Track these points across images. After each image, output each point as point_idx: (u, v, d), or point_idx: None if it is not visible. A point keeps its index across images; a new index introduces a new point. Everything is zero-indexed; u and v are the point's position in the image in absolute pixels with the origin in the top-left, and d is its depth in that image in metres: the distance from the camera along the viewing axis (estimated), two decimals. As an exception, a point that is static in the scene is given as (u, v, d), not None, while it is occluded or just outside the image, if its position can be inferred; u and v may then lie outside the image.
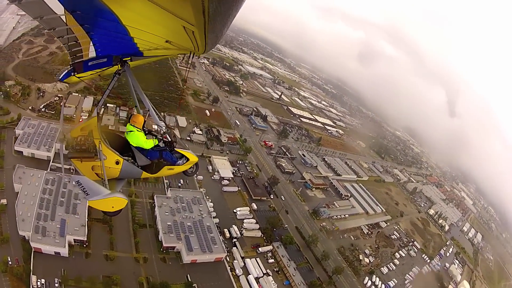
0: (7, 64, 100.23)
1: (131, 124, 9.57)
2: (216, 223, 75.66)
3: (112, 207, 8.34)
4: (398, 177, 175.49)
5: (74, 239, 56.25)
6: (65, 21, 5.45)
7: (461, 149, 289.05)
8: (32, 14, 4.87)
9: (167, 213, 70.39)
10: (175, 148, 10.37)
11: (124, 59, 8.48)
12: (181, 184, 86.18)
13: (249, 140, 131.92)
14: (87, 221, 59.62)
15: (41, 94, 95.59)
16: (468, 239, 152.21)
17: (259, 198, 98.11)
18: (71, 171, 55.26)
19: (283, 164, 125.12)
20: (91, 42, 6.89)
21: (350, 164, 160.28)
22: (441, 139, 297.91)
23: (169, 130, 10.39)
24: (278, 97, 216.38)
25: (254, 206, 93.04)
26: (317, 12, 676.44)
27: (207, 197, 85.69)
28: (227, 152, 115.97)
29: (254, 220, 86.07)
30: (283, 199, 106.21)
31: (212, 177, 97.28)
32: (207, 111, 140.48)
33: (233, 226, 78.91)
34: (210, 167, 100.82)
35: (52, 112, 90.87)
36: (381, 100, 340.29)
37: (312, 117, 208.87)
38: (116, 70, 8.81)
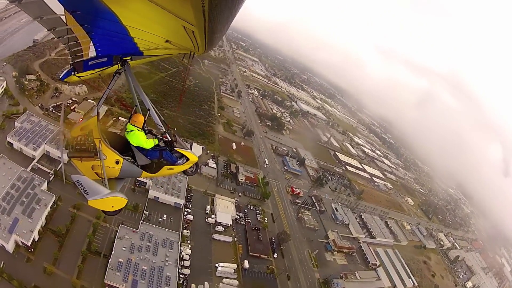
0: (36, 59, 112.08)
1: (131, 124, 10.19)
2: (183, 275, 70.27)
3: (112, 206, 8.85)
4: (442, 243, 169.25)
5: (21, 241, 60.26)
6: (65, 21, 5.94)
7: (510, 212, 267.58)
8: (32, 14, 5.31)
9: (125, 248, 67.14)
10: (175, 148, 11.10)
11: (124, 59, 9.19)
12: (163, 220, 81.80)
13: (273, 184, 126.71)
14: (41, 228, 63.95)
15: (56, 94, 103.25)
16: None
17: (258, 255, 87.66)
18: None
19: (306, 218, 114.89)
20: (91, 42, 7.51)
21: (390, 224, 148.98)
22: (491, 199, 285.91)
23: (169, 130, 11.13)
24: (327, 140, 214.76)
25: (246, 264, 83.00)
26: (378, 54, 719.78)
27: (189, 241, 79.51)
28: (240, 193, 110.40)
29: (236, 282, 75.49)
30: (290, 260, 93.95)
31: (207, 220, 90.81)
32: (234, 144, 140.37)
33: (205, 283, 71.39)
34: (209, 207, 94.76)
35: (58, 114, 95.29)
36: (436, 153, 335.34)
37: (360, 166, 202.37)
38: (116, 69, 9.53)
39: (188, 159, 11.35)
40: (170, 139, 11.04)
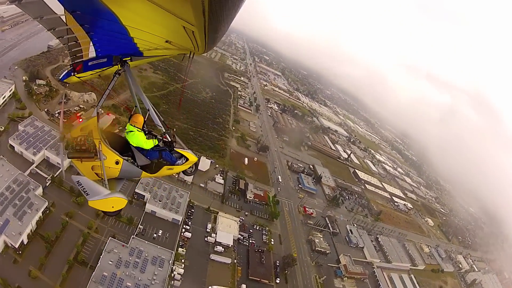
0: (48, 65, 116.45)
1: (131, 124, 10.45)
2: (170, 296, 67.04)
3: (112, 207, 9.15)
4: (460, 265, 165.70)
5: (10, 242, 62.42)
6: (65, 21, 6.09)
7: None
8: (32, 14, 5.47)
9: (111, 262, 66.19)
10: (174, 148, 11.36)
11: (124, 59, 9.39)
12: (158, 236, 79.95)
13: (284, 203, 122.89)
14: (31, 232, 65.58)
15: (65, 100, 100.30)
16: None
17: (258, 279, 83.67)
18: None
19: (317, 240, 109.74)
20: (91, 42, 7.70)
21: (408, 247, 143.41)
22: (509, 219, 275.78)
23: (169, 130, 11.48)
24: (347, 156, 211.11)
25: (244, 288, 75.29)
26: (401, 68, 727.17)
27: (183, 260, 76.42)
28: (246, 212, 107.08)
29: (229, 308, 68.50)
30: (294, 286, 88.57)
31: (206, 239, 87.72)
32: (246, 159, 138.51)
33: (193, 306, 63.98)
34: (210, 225, 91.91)
35: (64, 121, 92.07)
36: (458, 171, 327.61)
37: (381, 185, 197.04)
38: (116, 70, 9.66)
39: (187, 159, 11.62)
40: (169, 140, 11.30)
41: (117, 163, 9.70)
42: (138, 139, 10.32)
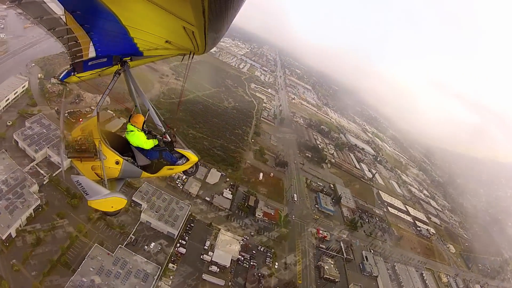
0: (66, 64, 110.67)
1: (131, 124, 10.78)
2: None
3: (112, 207, 9.25)
4: None
5: None
6: (65, 22, 6.26)
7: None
8: (32, 14, 5.66)
9: (92, 269, 65.59)
10: (175, 148, 11.63)
11: (124, 59, 9.64)
12: (149, 248, 77.30)
13: (297, 224, 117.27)
14: (20, 227, 66.94)
15: (77, 100, 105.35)
16: None
17: None
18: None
19: (327, 267, 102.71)
20: (91, 42, 7.88)
21: (425, 277, 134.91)
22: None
23: (169, 130, 11.67)
24: (371, 176, 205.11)
25: (233, 315, 70.97)
26: (431, 87, 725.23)
27: (171, 277, 73.59)
28: (252, 232, 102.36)
29: None
30: None
31: (202, 256, 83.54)
32: (261, 174, 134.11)
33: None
34: (209, 242, 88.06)
35: (72, 121, 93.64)
36: (483, 195, 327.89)
37: (404, 208, 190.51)
38: (116, 70, 9.96)
39: (188, 160, 11.76)
40: (170, 140, 11.47)
41: (117, 163, 9.86)
42: (138, 139, 10.54)
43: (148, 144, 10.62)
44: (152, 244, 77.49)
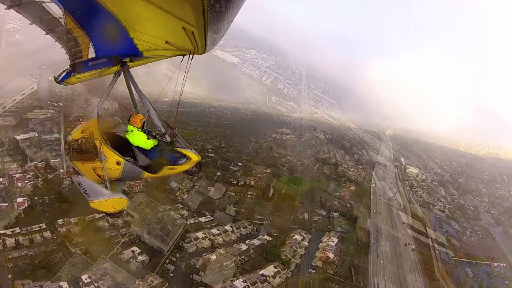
0: None
1: (131, 124, 10.80)
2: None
3: (113, 207, 9.76)
4: None
5: None
6: (64, 22, 6.28)
7: None
8: (31, 15, 5.66)
9: (71, 276, 64.13)
10: (175, 148, 11.64)
11: (123, 60, 9.63)
12: (134, 261, 73.44)
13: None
14: (8, 226, 67.45)
15: (84, 105, 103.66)
16: None
17: None
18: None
19: None
20: (91, 43, 7.83)
21: None
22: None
23: (169, 130, 11.72)
24: (392, 195, 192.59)
25: None
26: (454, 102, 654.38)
27: None
28: (253, 255, 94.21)
29: None
30: None
31: (192, 276, 77.36)
32: (271, 191, 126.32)
33: None
34: (202, 261, 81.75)
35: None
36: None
37: (424, 230, 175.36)
38: (116, 70, 9.97)
39: (189, 159, 11.77)
40: (170, 139, 11.53)
41: (118, 163, 9.87)
42: (138, 139, 10.58)
43: (148, 144, 10.67)
44: (139, 257, 73.86)
